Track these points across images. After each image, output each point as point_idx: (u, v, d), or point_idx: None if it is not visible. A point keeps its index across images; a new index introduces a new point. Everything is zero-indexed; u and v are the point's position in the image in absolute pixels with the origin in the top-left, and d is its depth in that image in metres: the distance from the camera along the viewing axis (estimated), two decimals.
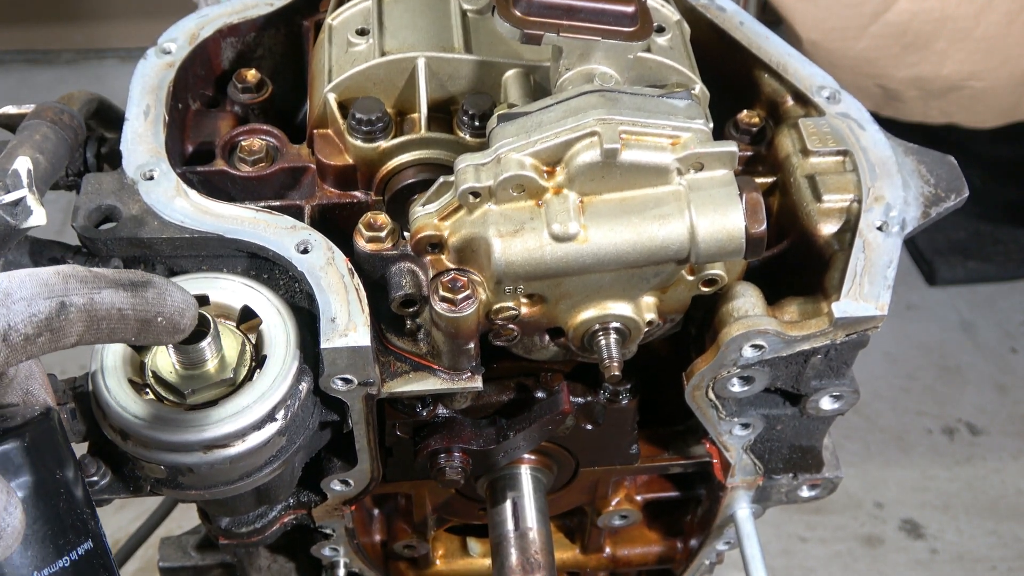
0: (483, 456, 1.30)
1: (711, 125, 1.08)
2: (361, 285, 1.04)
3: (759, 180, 1.22)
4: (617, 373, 1.08)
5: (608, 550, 1.66)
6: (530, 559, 1.35)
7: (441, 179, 1.06)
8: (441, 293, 1.03)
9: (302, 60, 1.38)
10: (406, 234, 1.06)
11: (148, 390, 1.00)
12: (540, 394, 1.26)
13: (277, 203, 1.19)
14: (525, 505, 1.39)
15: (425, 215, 1.04)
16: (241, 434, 0.99)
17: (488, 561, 1.54)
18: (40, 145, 1.15)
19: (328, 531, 1.39)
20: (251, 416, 0.98)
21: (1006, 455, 3.20)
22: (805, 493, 1.39)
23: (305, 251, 1.07)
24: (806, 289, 1.15)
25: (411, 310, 1.08)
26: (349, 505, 1.32)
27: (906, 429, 3.25)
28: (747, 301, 1.12)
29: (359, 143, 1.17)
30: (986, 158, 3.57)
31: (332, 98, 1.19)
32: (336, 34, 1.26)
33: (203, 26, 1.31)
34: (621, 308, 1.09)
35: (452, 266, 1.05)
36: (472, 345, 1.09)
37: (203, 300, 1.04)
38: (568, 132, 0.99)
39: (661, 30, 1.23)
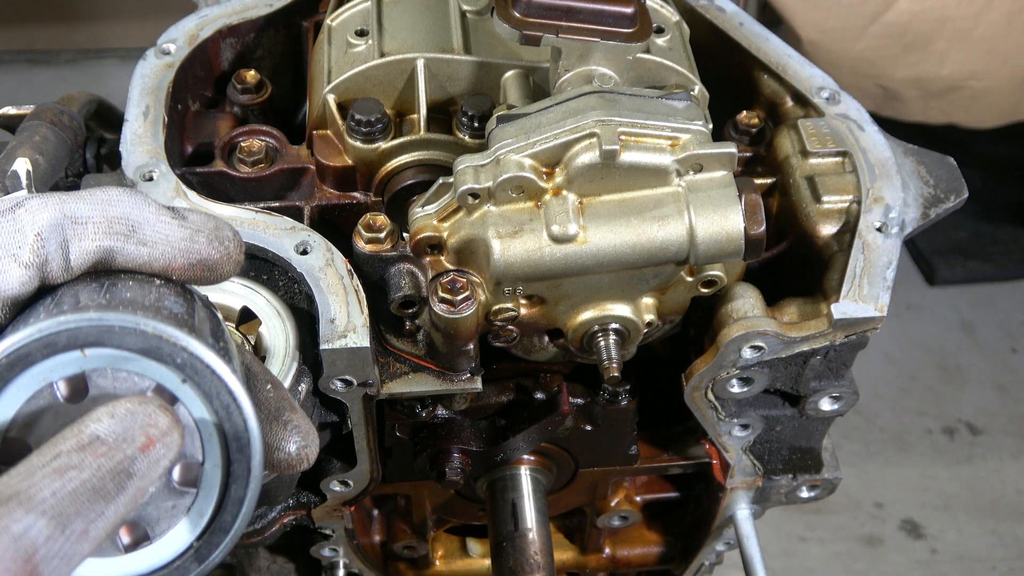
0: (482, 457, 1.30)
1: (710, 126, 1.08)
2: (360, 286, 1.04)
3: (758, 181, 1.22)
4: (616, 374, 1.08)
5: (608, 550, 1.66)
6: (529, 560, 1.35)
7: (440, 180, 1.06)
8: (440, 294, 1.03)
9: (301, 61, 1.38)
10: (405, 235, 1.06)
11: None
12: (539, 395, 1.26)
13: (276, 204, 1.19)
14: (525, 506, 1.39)
15: (424, 216, 1.04)
16: None
17: (487, 562, 1.54)
18: (40, 146, 1.15)
19: (328, 532, 1.39)
20: None
21: (1006, 455, 3.20)
22: (804, 494, 1.39)
23: (304, 252, 1.07)
24: (805, 290, 1.15)
25: (410, 311, 1.08)
26: (349, 506, 1.32)
27: (906, 429, 3.25)
28: (746, 302, 1.11)
29: (358, 144, 1.17)
30: (986, 158, 3.56)
31: (331, 99, 1.19)
32: (335, 35, 1.26)
33: (203, 27, 1.31)
34: (620, 309, 1.09)
35: (451, 267, 1.05)
36: (471, 346, 1.09)
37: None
38: (567, 133, 0.99)
39: (660, 31, 1.23)
